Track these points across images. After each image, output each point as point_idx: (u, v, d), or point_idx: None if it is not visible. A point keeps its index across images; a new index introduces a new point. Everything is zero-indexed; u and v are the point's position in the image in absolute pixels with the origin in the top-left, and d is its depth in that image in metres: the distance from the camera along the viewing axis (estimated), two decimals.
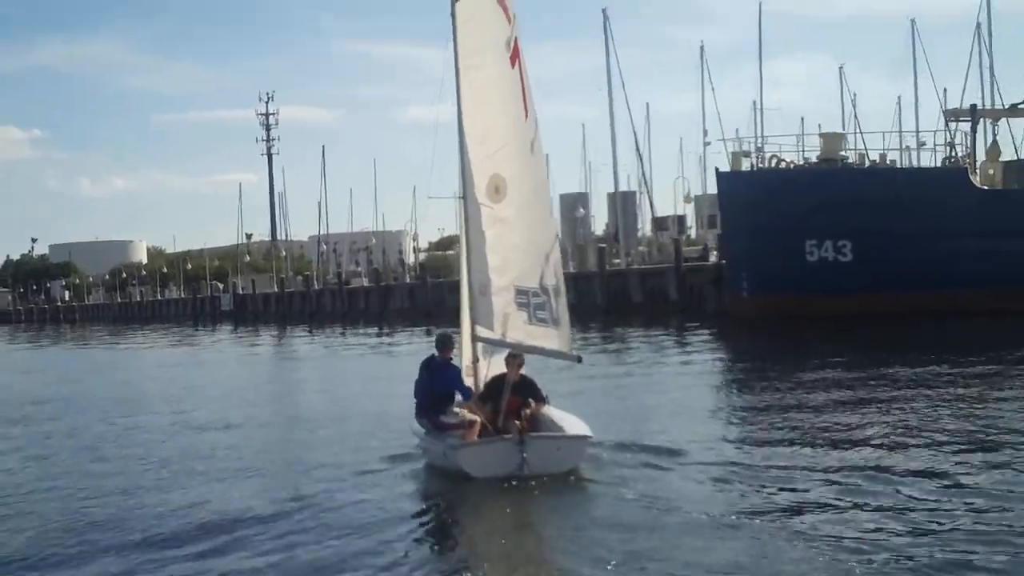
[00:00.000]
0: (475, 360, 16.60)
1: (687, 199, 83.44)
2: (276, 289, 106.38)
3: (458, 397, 15.81)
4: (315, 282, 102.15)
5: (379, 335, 63.29)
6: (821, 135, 49.04)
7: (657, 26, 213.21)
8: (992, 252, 41.48)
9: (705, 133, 76.57)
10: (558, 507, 13.31)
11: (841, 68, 77.30)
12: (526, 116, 16.18)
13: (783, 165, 46.57)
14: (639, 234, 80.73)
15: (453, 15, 16.21)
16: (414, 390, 16.17)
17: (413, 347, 49.16)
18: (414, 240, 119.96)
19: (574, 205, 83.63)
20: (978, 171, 44.29)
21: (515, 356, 16.07)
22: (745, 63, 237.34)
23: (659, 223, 77.98)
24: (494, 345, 16.56)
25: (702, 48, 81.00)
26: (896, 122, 68.99)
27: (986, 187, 44.15)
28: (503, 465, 14.28)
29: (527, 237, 16.28)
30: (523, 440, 14.43)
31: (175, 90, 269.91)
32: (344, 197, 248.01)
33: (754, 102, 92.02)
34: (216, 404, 27.54)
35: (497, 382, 16.08)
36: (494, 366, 16.56)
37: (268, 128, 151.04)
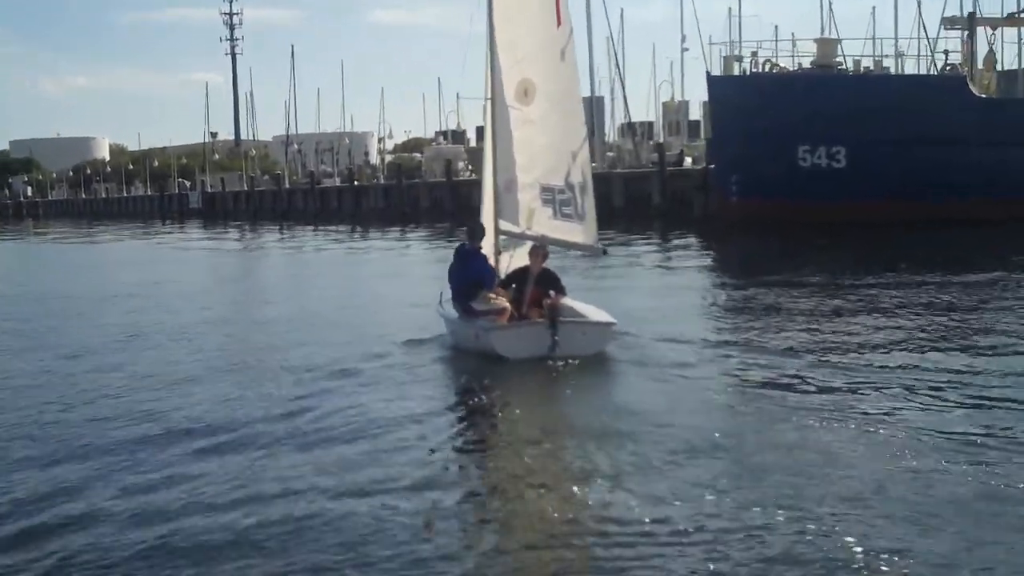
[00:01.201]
0: (497, 252, 17.47)
1: (670, 104, 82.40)
2: (246, 187, 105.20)
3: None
4: (286, 181, 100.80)
5: (352, 234, 63.44)
6: (816, 40, 48.17)
7: None
8: (992, 161, 41.07)
9: (683, 39, 75.65)
10: (584, 387, 14.17)
11: None
12: (558, 24, 17.10)
13: (777, 70, 45.85)
14: (606, 139, 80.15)
15: None
16: (448, 277, 17.11)
17: (391, 245, 49.09)
18: (380, 142, 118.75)
19: None
20: (975, 80, 43.69)
21: (539, 249, 16.94)
22: None
23: (630, 128, 77.46)
24: (519, 239, 17.45)
25: None
26: (871, 30, 68.10)
27: (983, 96, 43.60)
28: (534, 347, 15.34)
29: (554, 138, 17.25)
30: (554, 324, 15.38)
31: None
32: (312, 98, 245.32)
33: (729, 9, 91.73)
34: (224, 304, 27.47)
35: (520, 273, 16.92)
36: (517, 258, 17.44)
37: (232, 27, 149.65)
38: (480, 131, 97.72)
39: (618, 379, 14.81)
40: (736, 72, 46.50)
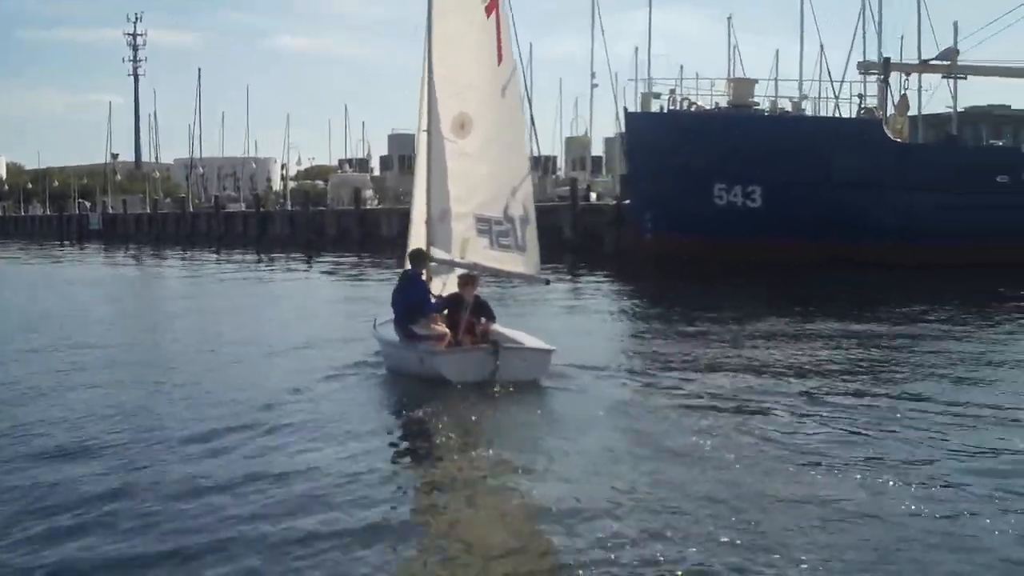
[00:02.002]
0: (428, 279, 18.09)
1: (584, 140, 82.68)
2: (148, 210, 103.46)
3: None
4: (189, 205, 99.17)
5: (259, 260, 62.75)
6: (731, 80, 48.51)
7: None
8: (906, 206, 41.36)
9: (593, 75, 76.83)
10: (519, 408, 15.10)
11: (729, 19, 76.88)
12: (499, 62, 17.78)
13: (695, 108, 45.92)
14: None
15: None
16: (391, 300, 17.78)
17: (300, 273, 48.35)
18: (283, 168, 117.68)
19: None
20: (889, 124, 44.07)
21: (470, 277, 17.63)
22: (623, 14, 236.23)
23: (536, 162, 77.65)
24: (452, 266, 18.10)
25: None
26: (774, 72, 68.79)
27: (898, 140, 44.00)
28: (478, 372, 16.10)
29: (492, 170, 17.94)
30: (497, 350, 16.22)
31: (43, 6, 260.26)
32: (216, 122, 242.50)
33: (636, 47, 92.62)
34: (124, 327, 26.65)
35: (453, 299, 17.58)
36: (450, 285, 18.18)
37: (135, 48, 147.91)
38: (384, 160, 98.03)
39: (551, 403, 15.53)
40: (653, 109, 46.44)
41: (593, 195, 66.61)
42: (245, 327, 26.53)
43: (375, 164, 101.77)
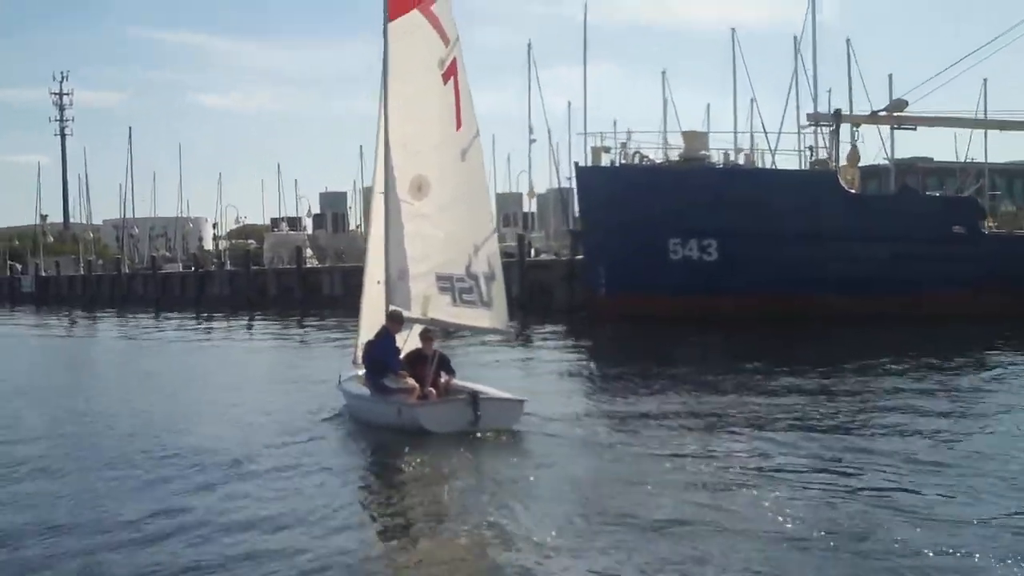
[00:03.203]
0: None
1: (530, 194, 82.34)
2: (82, 271, 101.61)
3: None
4: (124, 266, 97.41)
5: (197, 320, 62.03)
6: (683, 133, 48.16)
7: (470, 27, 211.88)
8: (865, 257, 41.03)
9: (531, 130, 77.46)
10: (495, 456, 15.86)
11: (663, 73, 77.05)
12: (458, 127, 18.59)
13: (646, 162, 45.48)
14: None
15: (385, 34, 18.69)
16: (363, 356, 18.86)
17: (244, 334, 47.30)
18: (215, 228, 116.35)
19: None
20: (841, 175, 43.83)
21: (429, 333, 18.54)
22: (551, 70, 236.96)
23: None
24: (414, 323, 18.79)
25: (529, 47, 79.96)
26: (707, 127, 69.14)
27: (853, 191, 43.79)
28: (456, 422, 16.89)
29: (450, 231, 18.64)
30: (475, 401, 17.04)
31: None
32: (146, 182, 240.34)
33: (569, 102, 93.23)
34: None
35: (416, 354, 18.42)
36: (411, 341, 18.84)
37: (62, 108, 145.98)
38: (317, 218, 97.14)
39: (523, 450, 16.33)
40: (604, 162, 45.96)
41: (533, 251, 66.34)
42: (208, 388, 26.37)
43: (307, 223, 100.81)
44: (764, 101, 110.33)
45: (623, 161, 45.55)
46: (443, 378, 18.22)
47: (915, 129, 47.05)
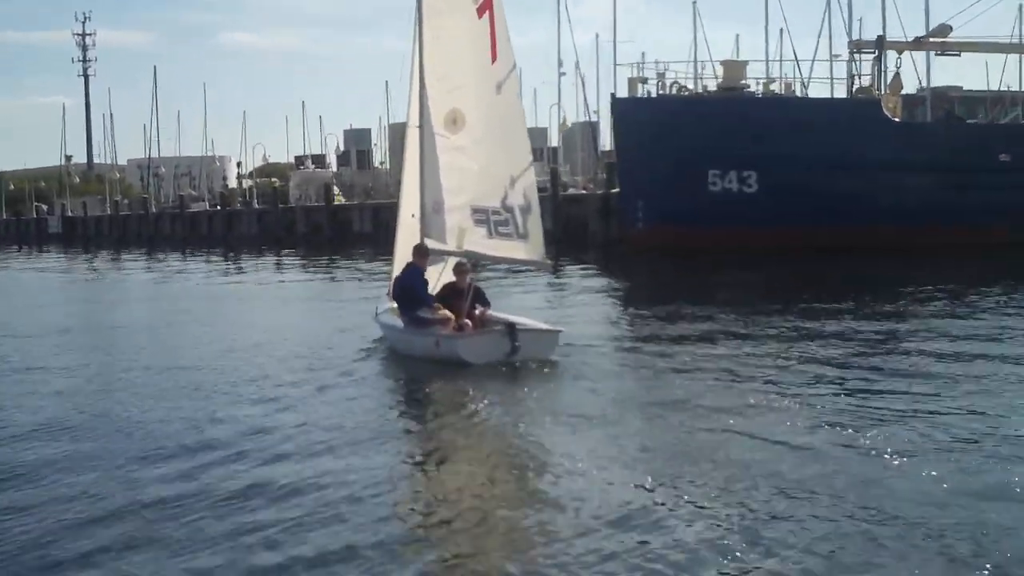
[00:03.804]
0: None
1: (563, 127, 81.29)
2: (109, 211, 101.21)
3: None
4: (151, 205, 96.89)
5: (227, 259, 61.58)
6: (722, 63, 47.09)
7: None
8: (911, 187, 40.12)
9: (560, 63, 77.10)
10: (534, 385, 15.72)
11: (695, 3, 75.86)
12: (494, 60, 18.41)
13: (686, 93, 44.52)
14: None
15: None
16: (391, 291, 19.26)
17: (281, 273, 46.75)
18: (239, 167, 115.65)
19: None
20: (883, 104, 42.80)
21: (463, 266, 18.64)
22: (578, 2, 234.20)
23: None
24: (450, 255, 19.05)
25: None
26: (735, 55, 67.92)
27: (897, 120, 42.78)
28: (495, 354, 17.05)
29: (485, 163, 18.62)
30: (513, 332, 17.25)
31: None
32: (171, 122, 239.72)
33: (597, 35, 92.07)
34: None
35: (451, 287, 18.58)
36: (446, 274, 19.08)
37: (85, 49, 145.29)
38: (341, 156, 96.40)
39: (563, 381, 16.30)
40: (641, 94, 45.00)
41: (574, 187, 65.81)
42: (252, 326, 25.82)
43: (332, 160, 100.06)
44: (795, 33, 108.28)
45: (661, 92, 44.57)
46: (478, 310, 18.32)
47: (959, 55, 45.76)
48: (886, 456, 11.21)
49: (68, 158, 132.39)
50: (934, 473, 10.56)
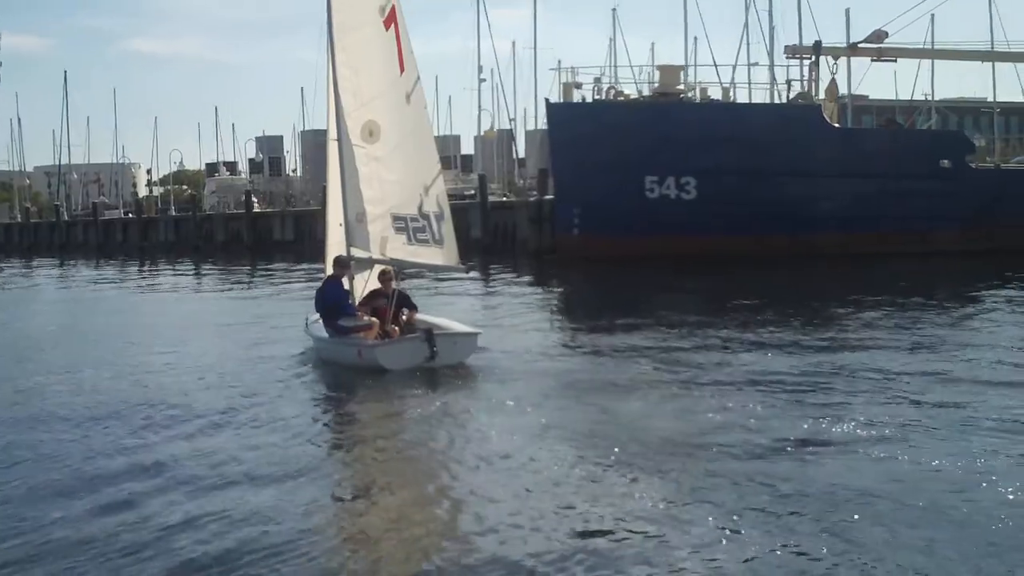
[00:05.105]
0: (351, 278, 19.26)
1: (489, 134, 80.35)
2: (20, 219, 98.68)
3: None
4: (64, 213, 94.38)
5: (141, 270, 59.26)
6: (658, 67, 46.28)
7: None
8: (848, 194, 39.59)
9: (480, 70, 77.15)
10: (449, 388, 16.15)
11: (614, 10, 75.68)
12: (402, 71, 19.27)
13: (621, 97, 43.65)
14: None
15: None
16: (315, 302, 19.45)
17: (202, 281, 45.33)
18: (148, 173, 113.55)
19: None
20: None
21: (387, 273, 19.20)
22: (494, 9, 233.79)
23: None
24: (374, 263, 19.35)
25: None
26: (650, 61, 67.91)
27: (837, 126, 42.25)
28: (413, 359, 17.45)
29: (402, 172, 19.33)
30: (431, 337, 17.52)
31: None
32: (81, 128, 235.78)
33: (514, 42, 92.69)
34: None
35: (376, 294, 19.15)
36: (372, 282, 19.50)
37: None
38: (252, 163, 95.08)
39: (475, 381, 16.74)
40: (575, 99, 44.05)
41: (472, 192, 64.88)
42: (173, 339, 24.52)
43: (243, 168, 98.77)
44: (711, 40, 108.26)
45: (596, 97, 43.68)
46: (405, 314, 18.78)
47: (895, 61, 45.48)
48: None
49: None
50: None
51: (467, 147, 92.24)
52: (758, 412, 13.36)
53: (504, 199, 60.74)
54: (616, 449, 11.64)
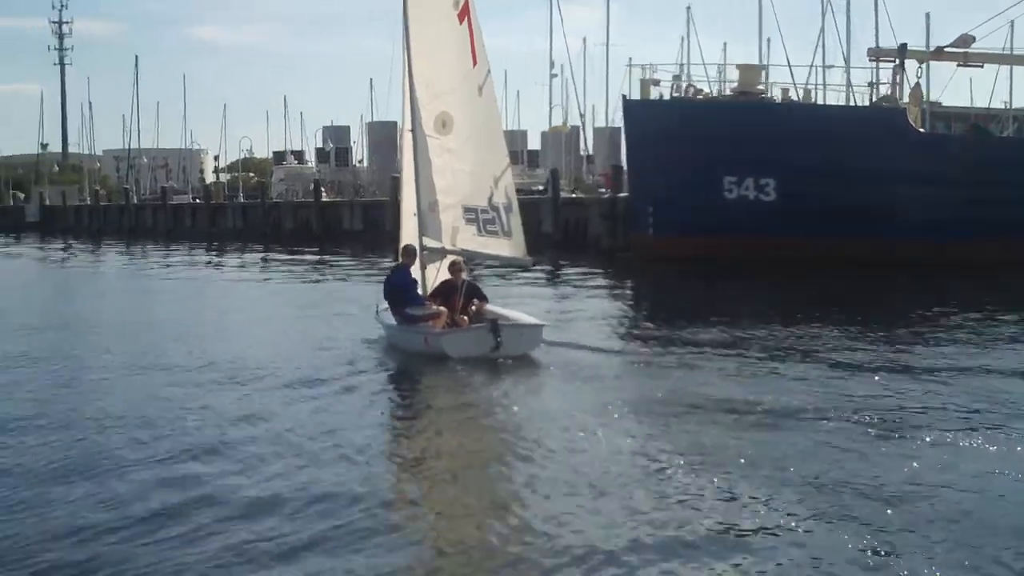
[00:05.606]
0: (423, 267, 19.95)
1: (563, 128, 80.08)
2: (88, 201, 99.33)
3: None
4: (132, 196, 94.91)
5: (210, 253, 60.37)
6: (738, 66, 45.52)
7: None
8: (932, 200, 38.75)
9: (552, 65, 76.91)
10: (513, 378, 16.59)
11: (689, 8, 75.21)
12: (474, 64, 19.70)
13: (700, 96, 43.04)
14: None
15: None
16: (383, 291, 19.89)
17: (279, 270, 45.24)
18: (216, 160, 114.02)
19: None
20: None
21: (457, 263, 19.65)
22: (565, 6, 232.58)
23: None
24: (442, 253, 19.85)
25: None
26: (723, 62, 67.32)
27: (923, 130, 41.42)
28: (478, 348, 17.79)
29: (473, 164, 19.88)
30: (496, 327, 17.82)
31: None
32: (151, 113, 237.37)
33: (584, 38, 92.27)
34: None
35: (446, 284, 19.48)
36: (442, 272, 19.95)
37: (61, 37, 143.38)
38: (319, 153, 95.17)
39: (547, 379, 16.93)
40: (653, 96, 43.49)
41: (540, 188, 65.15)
42: (248, 321, 26.24)
43: (311, 158, 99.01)
44: (787, 41, 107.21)
45: (675, 94, 43.12)
46: (474, 305, 19.13)
47: (982, 67, 44.51)
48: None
49: (44, 146, 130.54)
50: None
51: (533, 143, 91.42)
52: (852, 446, 12.20)
53: (573, 195, 60.14)
54: (683, 456, 11.54)
